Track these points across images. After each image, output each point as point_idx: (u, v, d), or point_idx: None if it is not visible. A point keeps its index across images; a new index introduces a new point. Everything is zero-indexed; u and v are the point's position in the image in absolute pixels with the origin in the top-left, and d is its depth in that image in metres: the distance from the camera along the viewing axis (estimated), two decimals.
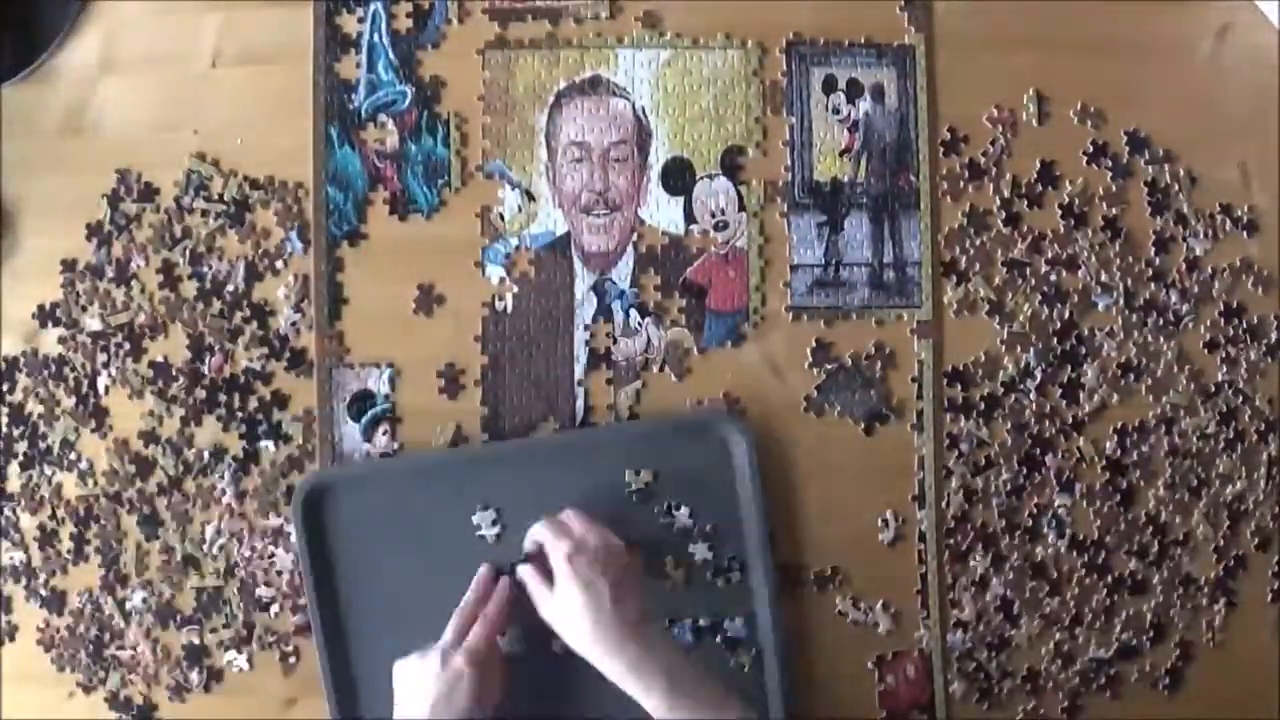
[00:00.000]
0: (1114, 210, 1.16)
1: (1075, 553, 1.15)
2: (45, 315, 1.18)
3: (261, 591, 1.16)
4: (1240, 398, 1.16)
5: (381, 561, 1.13)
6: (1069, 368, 1.15)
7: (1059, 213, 1.16)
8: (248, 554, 1.16)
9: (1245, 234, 1.16)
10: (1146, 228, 1.16)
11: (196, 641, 1.17)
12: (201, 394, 1.17)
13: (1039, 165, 1.16)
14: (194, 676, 1.17)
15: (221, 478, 1.16)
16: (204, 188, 1.17)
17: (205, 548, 1.16)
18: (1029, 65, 1.17)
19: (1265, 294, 1.16)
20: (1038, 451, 1.15)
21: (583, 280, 1.16)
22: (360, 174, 1.17)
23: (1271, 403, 1.16)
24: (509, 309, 1.16)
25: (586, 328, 1.16)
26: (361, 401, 1.16)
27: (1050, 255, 1.16)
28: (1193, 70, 1.17)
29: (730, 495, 1.13)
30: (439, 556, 1.12)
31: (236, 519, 1.16)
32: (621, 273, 1.16)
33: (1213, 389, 1.16)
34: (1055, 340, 1.15)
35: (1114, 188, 1.16)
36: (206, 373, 1.17)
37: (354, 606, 1.13)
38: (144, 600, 1.17)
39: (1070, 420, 1.15)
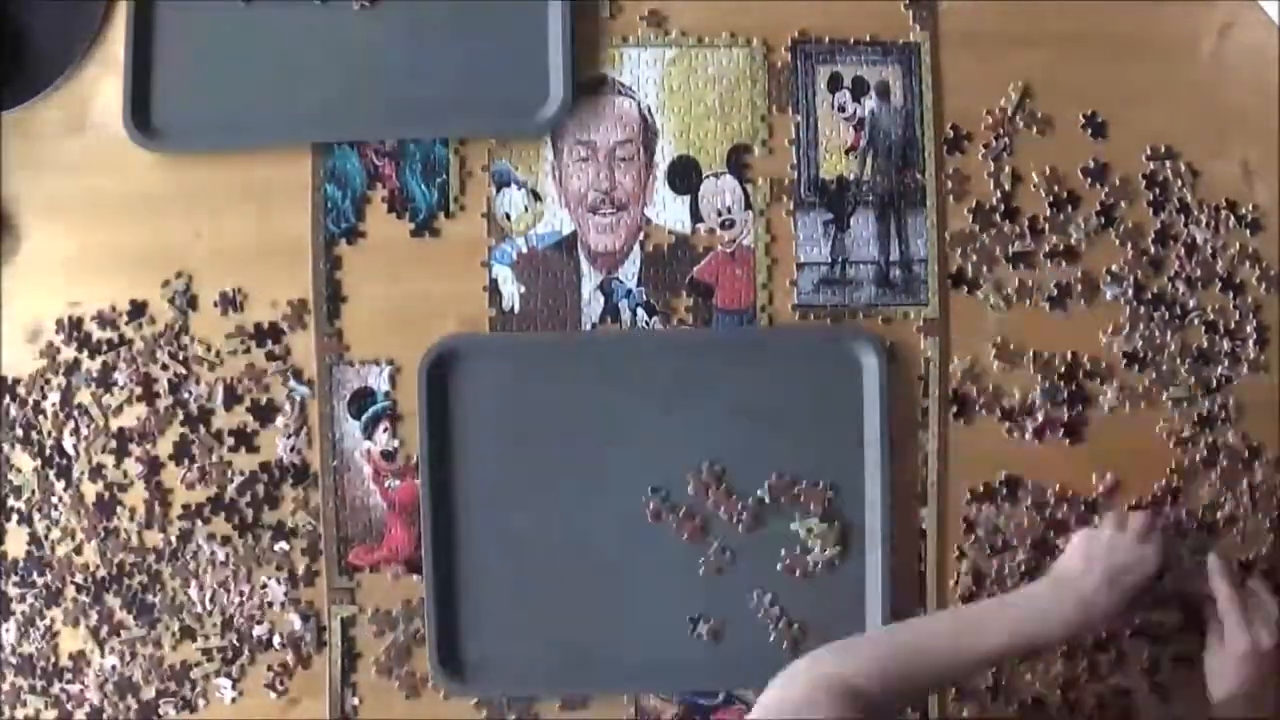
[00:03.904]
0: (1116, 208, 1.16)
1: None
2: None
3: (259, 630, 1.14)
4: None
5: (498, 444, 1.14)
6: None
7: (1060, 210, 1.16)
8: (238, 599, 1.14)
9: (1249, 232, 1.17)
10: (1149, 225, 1.17)
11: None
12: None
13: (1042, 164, 1.16)
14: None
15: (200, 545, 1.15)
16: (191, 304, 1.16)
17: (200, 607, 1.15)
18: (1032, 63, 1.17)
19: (1268, 292, 1.17)
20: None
21: (589, 279, 1.16)
22: (358, 172, 1.16)
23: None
24: (515, 308, 1.15)
25: (593, 327, 1.16)
26: (361, 399, 1.15)
27: (1052, 251, 1.16)
28: (1194, 69, 1.18)
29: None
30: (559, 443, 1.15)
31: (220, 568, 1.14)
32: (628, 272, 1.16)
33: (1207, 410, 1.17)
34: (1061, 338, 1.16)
35: (1117, 182, 1.16)
36: (180, 486, 1.15)
37: (467, 480, 1.14)
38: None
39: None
